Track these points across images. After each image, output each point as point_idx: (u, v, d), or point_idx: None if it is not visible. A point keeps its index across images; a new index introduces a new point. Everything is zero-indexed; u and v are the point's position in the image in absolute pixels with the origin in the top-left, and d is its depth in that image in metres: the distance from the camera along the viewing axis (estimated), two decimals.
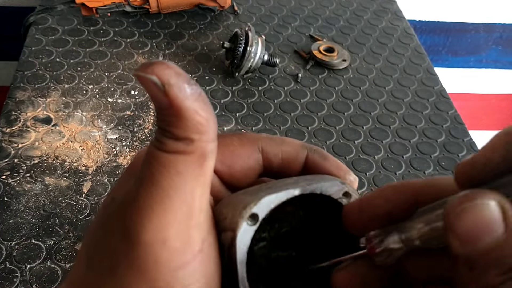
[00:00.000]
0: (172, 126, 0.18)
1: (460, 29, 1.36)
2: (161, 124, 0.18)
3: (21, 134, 0.70)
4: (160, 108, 0.18)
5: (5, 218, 0.59)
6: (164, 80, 0.17)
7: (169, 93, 0.17)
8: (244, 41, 0.79)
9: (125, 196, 0.19)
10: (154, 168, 0.18)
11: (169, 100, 0.18)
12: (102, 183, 0.65)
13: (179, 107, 0.18)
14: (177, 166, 0.18)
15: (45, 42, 0.86)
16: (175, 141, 0.18)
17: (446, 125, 0.81)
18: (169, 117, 0.18)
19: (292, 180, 0.22)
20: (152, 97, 0.18)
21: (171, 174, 0.18)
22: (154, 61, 0.18)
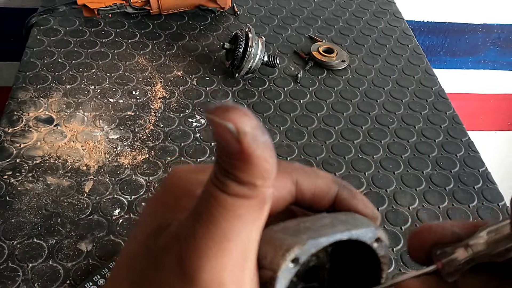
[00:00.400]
0: (237, 170, 0.18)
1: (458, 29, 1.36)
2: (225, 165, 0.19)
3: (23, 134, 0.70)
4: (227, 152, 0.18)
5: (7, 218, 0.60)
6: (240, 128, 0.18)
7: (243, 141, 0.18)
8: (244, 42, 0.80)
9: (180, 230, 0.20)
10: (214, 208, 0.19)
11: (242, 148, 0.18)
12: (103, 182, 0.65)
13: (250, 155, 0.18)
14: (238, 210, 0.19)
15: (47, 43, 0.87)
16: (239, 184, 0.18)
17: (444, 125, 0.82)
18: (236, 161, 0.18)
19: (328, 221, 0.23)
20: (221, 141, 0.18)
21: (231, 217, 0.19)
22: (230, 107, 0.18)
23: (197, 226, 0.19)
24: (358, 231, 0.22)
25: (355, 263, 0.24)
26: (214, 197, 0.19)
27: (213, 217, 0.19)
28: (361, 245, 0.23)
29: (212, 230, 0.19)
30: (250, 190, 0.19)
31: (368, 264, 0.24)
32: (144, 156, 0.70)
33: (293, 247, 0.20)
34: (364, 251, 0.23)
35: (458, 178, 0.73)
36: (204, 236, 0.19)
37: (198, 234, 0.19)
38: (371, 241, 0.23)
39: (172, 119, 0.76)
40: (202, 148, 0.72)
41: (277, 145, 0.74)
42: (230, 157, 0.18)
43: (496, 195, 0.71)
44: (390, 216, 0.66)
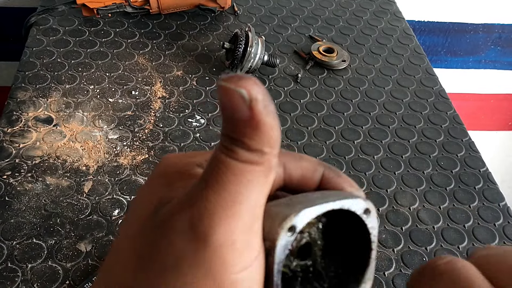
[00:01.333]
0: (247, 137, 0.19)
1: (459, 29, 1.36)
2: (233, 134, 0.19)
3: (22, 134, 0.70)
4: (236, 119, 0.19)
5: (6, 218, 0.60)
6: (252, 94, 0.19)
7: (254, 107, 0.19)
8: (244, 41, 0.79)
9: (188, 198, 0.20)
10: (224, 174, 0.19)
11: (252, 114, 0.19)
12: (103, 182, 0.65)
13: (260, 121, 0.19)
14: (247, 175, 0.20)
15: (46, 42, 0.87)
16: (248, 151, 0.19)
17: (445, 125, 0.82)
18: (245, 128, 0.19)
19: (319, 195, 0.24)
20: (231, 109, 0.19)
21: (241, 182, 0.19)
22: (242, 76, 0.19)
23: (208, 191, 0.19)
24: (349, 200, 0.23)
25: (346, 238, 0.25)
26: (224, 163, 0.19)
27: (223, 182, 0.19)
28: (351, 220, 0.24)
29: (223, 195, 0.19)
30: (258, 156, 0.20)
31: (358, 239, 0.24)
32: (143, 156, 0.69)
33: (289, 215, 0.21)
34: (353, 226, 0.24)
35: (458, 178, 0.73)
36: (216, 200, 0.19)
37: (210, 199, 0.19)
38: (360, 212, 0.23)
39: (171, 119, 0.76)
40: (201, 148, 0.72)
41: None
42: (239, 124, 0.19)
43: (496, 195, 0.71)
44: (390, 216, 0.66)
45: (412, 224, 0.65)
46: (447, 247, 0.63)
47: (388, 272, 0.60)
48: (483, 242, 0.65)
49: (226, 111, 0.19)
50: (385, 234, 0.64)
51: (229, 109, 0.19)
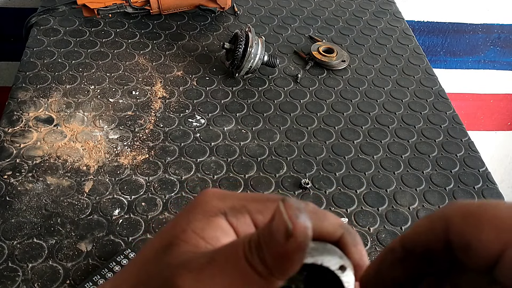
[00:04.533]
0: (268, 253, 0.20)
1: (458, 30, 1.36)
2: (262, 240, 0.21)
3: (23, 134, 0.70)
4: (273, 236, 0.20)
5: (7, 218, 0.60)
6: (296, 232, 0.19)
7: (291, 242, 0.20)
8: (244, 42, 0.80)
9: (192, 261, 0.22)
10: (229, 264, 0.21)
11: (286, 245, 0.20)
12: (103, 182, 0.65)
13: (286, 254, 0.20)
14: (247, 279, 0.21)
15: (47, 43, 0.87)
16: (261, 262, 0.21)
17: (444, 125, 0.82)
18: (273, 247, 0.20)
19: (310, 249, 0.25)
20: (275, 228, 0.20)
21: (238, 278, 0.21)
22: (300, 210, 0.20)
23: (206, 264, 0.21)
24: (323, 257, 0.24)
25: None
26: (236, 255, 0.21)
27: (224, 267, 0.21)
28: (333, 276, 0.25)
29: (215, 274, 0.21)
30: (265, 272, 0.21)
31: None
32: (144, 156, 0.70)
33: None
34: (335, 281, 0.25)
35: (458, 178, 0.73)
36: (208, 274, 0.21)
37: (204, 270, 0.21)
38: (335, 268, 0.24)
39: (172, 119, 0.76)
40: (202, 148, 0.72)
41: (277, 145, 0.74)
42: (271, 241, 0.20)
43: (496, 195, 0.71)
44: (390, 216, 0.66)
45: (411, 224, 0.66)
46: None
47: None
48: None
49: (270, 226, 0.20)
50: (384, 234, 0.64)
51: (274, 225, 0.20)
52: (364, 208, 0.67)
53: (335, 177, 0.70)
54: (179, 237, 0.23)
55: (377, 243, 0.63)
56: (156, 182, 0.66)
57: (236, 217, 0.24)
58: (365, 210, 0.66)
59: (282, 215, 0.20)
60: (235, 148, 0.72)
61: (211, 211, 0.24)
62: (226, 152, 0.72)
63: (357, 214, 0.66)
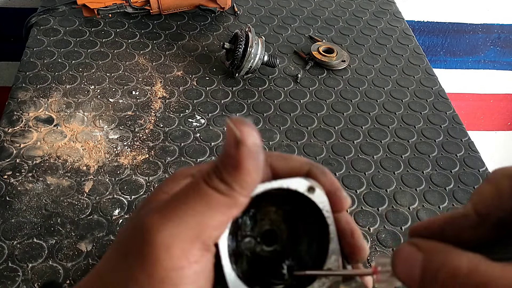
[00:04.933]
0: (225, 170, 0.22)
1: (458, 30, 1.36)
2: (218, 163, 0.22)
3: (23, 134, 0.70)
4: (225, 153, 0.22)
5: (7, 218, 0.60)
6: (243, 139, 0.21)
7: (240, 149, 0.22)
8: (244, 42, 0.80)
9: (156, 204, 0.24)
10: (191, 192, 0.23)
11: (236, 154, 0.22)
12: (103, 182, 0.65)
13: (239, 163, 0.22)
14: (209, 200, 0.22)
15: (47, 43, 0.87)
16: (220, 181, 0.22)
17: (444, 125, 0.82)
18: (227, 163, 0.22)
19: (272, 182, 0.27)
20: (227, 144, 0.22)
21: (200, 201, 0.22)
22: (247, 122, 0.22)
23: (170, 202, 0.23)
24: (289, 181, 0.26)
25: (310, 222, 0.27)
26: (196, 183, 0.23)
27: (186, 197, 0.23)
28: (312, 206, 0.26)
29: (181, 206, 0.22)
30: (226, 189, 0.22)
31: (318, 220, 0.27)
32: (144, 156, 0.70)
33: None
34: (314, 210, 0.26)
35: (458, 178, 0.73)
36: (173, 209, 0.22)
37: (169, 207, 0.23)
38: (303, 190, 0.26)
39: (172, 119, 0.76)
40: (202, 148, 0.72)
41: (277, 145, 0.74)
42: (225, 157, 0.22)
43: None
44: (390, 216, 0.66)
45: (411, 224, 0.66)
46: None
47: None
48: None
49: (224, 145, 0.22)
50: (384, 233, 0.64)
51: (226, 144, 0.22)
52: (364, 208, 0.67)
53: (335, 177, 0.70)
54: (150, 199, 0.25)
55: (377, 243, 0.63)
56: (156, 182, 0.66)
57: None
58: (365, 210, 0.66)
59: (231, 127, 0.21)
60: None
61: (180, 176, 0.26)
62: None
63: (357, 214, 0.66)
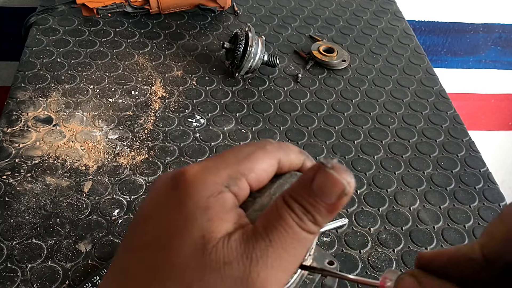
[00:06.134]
0: (319, 215, 0.23)
1: (459, 29, 1.36)
2: (308, 206, 0.23)
3: (22, 134, 0.70)
4: (320, 199, 0.22)
5: (6, 218, 0.60)
6: (349, 191, 0.22)
7: (342, 201, 0.22)
8: (244, 41, 0.79)
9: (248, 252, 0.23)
10: (289, 238, 0.23)
11: (337, 205, 0.22)
12: (102, 183, 0.65)
13: (338, 210, 0.22)
14: (306, 242, 0.23)
15: (46, 42, 0.87)
16: (315, 225, 0.23)
17: (445, 125, 0.81)
18: (323, 208, 0.22)
19: (285, 186, 0.28)
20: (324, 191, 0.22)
21: (301, 247, 0.23)
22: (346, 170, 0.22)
23: (270, 250, 0.22)
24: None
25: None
26: (292, 229, 0.22)
27: (287, 244, 0.22)
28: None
29: (284, 257, 0.22)
30: (317, 229, 0.23)
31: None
32: (143, 156, 0.69)
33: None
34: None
35: (459, 178, 0.73)
36: (276, 261, 0.22)
37: (271, 257, 0.22)
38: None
39: (171, 119, 0.76)
40: (201, 148, 0.72)
41: None
42: (321, 203, 0.22)
43: (497, 195, 0.71)
44: (390, 216, 0.66)
45: (412, 224, 0.65)
46: (448, 247, 0.63)
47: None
48: None
49: (317, 188, 0.22)
50: (385, 234, 0.64)
51: (322, 189, 0.22)
52: (364, 208, 0.66)
53: None
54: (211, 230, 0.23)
55: (377, 243, 0.63)
56: None
57: (238, 185, 0.25)
58: (365, 211, 0.66)
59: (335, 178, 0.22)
60: None
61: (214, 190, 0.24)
62: None
63: (357, 214, 0.65)
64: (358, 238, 0.63)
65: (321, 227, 0.23)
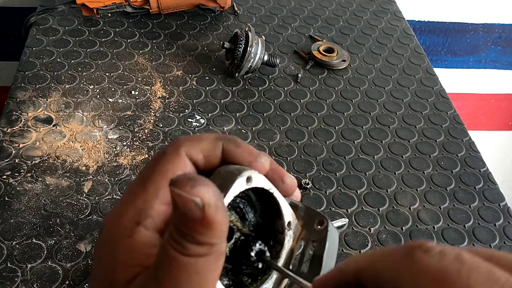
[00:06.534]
0: (198, 234, 0.20)
1: (459, 29, 1.36)
2: (184, 229, 0.20)
3: (22, 134, 0.70)
4: (189, 218, 0.20)
5: (6, 218, 0.60)
6: (205, 200, 0.19)
7: (208, 212, 0.19)
8: (244, 41, 0.79)
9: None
10: (175, 270, 0.20)
11: (204, 216, 0.20)
12: (102, 182, 0.65)
13: (211, 221, 0.20)
14: (197, 267, 0.21)
15: (46, 42, 0.87)
16: (197, 245, 0.20)
17: (445, 125, 0.81)
18: (197, 226, 0.20)
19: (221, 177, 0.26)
20: (183, 209, 0.20)
21: (191, 275, 0.20)
22: (195, 180, 0.20)
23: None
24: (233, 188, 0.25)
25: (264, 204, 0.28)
26: (174, 259, 0.20)
27: (175, 278, 0.20)
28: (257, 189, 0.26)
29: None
30: (208, 249, 0.20)
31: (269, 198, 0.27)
32: (143, 156, 0.69)
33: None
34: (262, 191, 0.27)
35: (459, 178, 0.73)
36: None
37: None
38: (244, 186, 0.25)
39: (171, 119, 0.76)
40: None
41: (277, 145, 0.74)
42: (190, 222, 0.20)
43: (497, 195, 0.71)
44: (391, 216, 0.66)
45: (412, 224, 0.65)
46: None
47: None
48: (483, 242, 0.64)
49: (178, 210, 0.20)
50: (385, 234, 0.64)
51: (181, 209, 0.20)
52: (364, 208, 0.66)
53: (335, 177, 0.70)
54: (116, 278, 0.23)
55: (377, 243, 0.63)
56: None
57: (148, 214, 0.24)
58: (365, 211, 0.66)
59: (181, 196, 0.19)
60: None
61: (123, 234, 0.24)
62: None
63: (357, 214, 0.65)
64: (358, 238, 0.63)
65: (212, 244, 0.21)
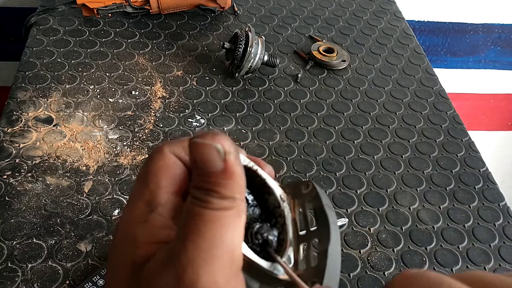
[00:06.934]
0: (220, 187, 0.22)
1: (459, 29, 1.36)
2: (207, 185, 0.22)
3: (23, 134, 0.70)
4: (210, 172, 0.22)
5: (6, 218, 0.60)
6: (226, 148, 0.21)
7: (228, 160, 0.21)
8: (244, 41, 0.79)
9: (169, 255, 0.22)
10: (199, 223, 0.22)
11: (226, 166, 0.21)
12: (103, 182, 0.65)
13: (233, 172, 0.22)
14: (221, 220, 0.22)
15: (46, 42, 0.87)
16: (221, 199, 0.22)
17: (445, 125, 0.82)
18: (219, 179, 0.22)
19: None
20: (206, 162, 0.21)
21: (215, 227, 0.22)
22: (215, 132, 0.22)
23: (187, 244, 0.21)
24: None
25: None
26: (199, 214, 0.22)
27: (199, 231, 0.21)
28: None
29: (200, 243, 0.21)
30: (230, 202, 0.22)
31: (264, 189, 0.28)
32: (143, 156, 0.69)
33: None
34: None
35: (458, 178, 0.73)
36: (195, 249, 0.21)
37: (190, 249, 0.21)
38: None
39: (171, 119, 0.76)
40: None
41: (277, 145, 0.74)
42: (213, 176, 0.22)
43: (496, 195, 0.71)
44: (390, 216, 0.66)
45: (412, 224, 0.65)
46: (447, 247, 0.63)
47: (388, 272, 0.60)
48: (483, 242, 0.65)
49: (200, 164, 0.22)
50: (385, 234, 0.64)
51: (203, 162, 0.22)
52: (364, 208, 0.67)
53: (335, 177, 0.70)
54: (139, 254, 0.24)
55: (377, 243, 0.63)
56: None
57: (158, 202, 0.25)
58: (365, 210, 0.66)
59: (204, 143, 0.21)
60: None
61: (140, 219, 0.25)
62: None
63: (357, 214, 0.66)
64: (358, 238, 0.63)
65: (234, 198, 0.22)
